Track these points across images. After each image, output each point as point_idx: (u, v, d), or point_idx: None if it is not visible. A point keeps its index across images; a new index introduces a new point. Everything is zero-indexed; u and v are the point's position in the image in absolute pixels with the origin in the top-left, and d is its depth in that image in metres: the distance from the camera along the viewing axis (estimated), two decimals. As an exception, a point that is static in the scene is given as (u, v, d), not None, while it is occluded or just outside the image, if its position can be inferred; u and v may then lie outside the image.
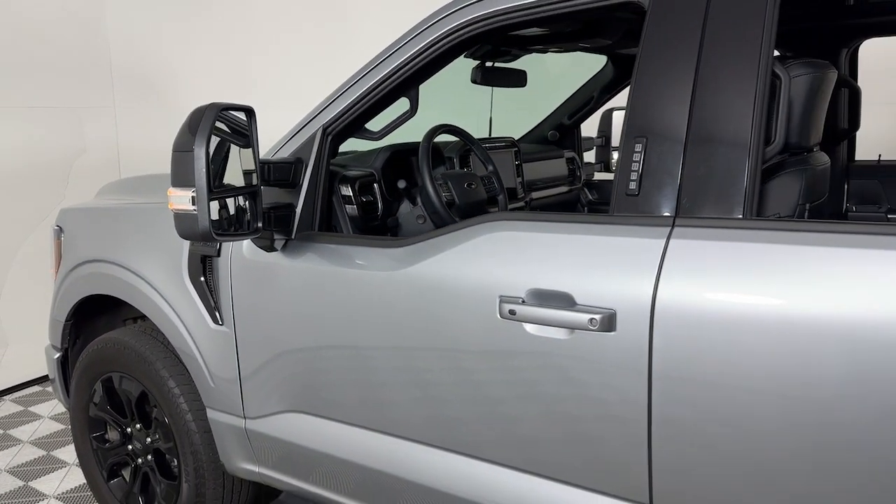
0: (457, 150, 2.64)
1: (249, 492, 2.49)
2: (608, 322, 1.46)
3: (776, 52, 2.84)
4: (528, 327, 1.57)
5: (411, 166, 2.43)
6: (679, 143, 1.46)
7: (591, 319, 1.46)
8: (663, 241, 1.44)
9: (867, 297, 1.22)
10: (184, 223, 1.64)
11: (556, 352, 1.55)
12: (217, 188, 1.66)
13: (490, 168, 2.59)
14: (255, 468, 2.26)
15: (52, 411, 3.98)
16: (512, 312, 1.57)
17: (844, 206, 2.89)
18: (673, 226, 1.45)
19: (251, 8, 4.75)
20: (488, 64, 2.76)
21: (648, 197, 1.49)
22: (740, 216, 1.39)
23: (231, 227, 1.77)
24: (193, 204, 1.60)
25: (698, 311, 1.37)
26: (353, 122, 2.02)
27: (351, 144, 2.24)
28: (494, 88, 3.24)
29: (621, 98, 3.73)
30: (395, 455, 1.89)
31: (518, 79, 2.89)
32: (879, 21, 2.54)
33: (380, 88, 1.94)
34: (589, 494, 1.57)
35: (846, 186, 2.85)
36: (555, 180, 3.39)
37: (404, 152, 2.41)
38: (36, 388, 4.34)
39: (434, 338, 1.73)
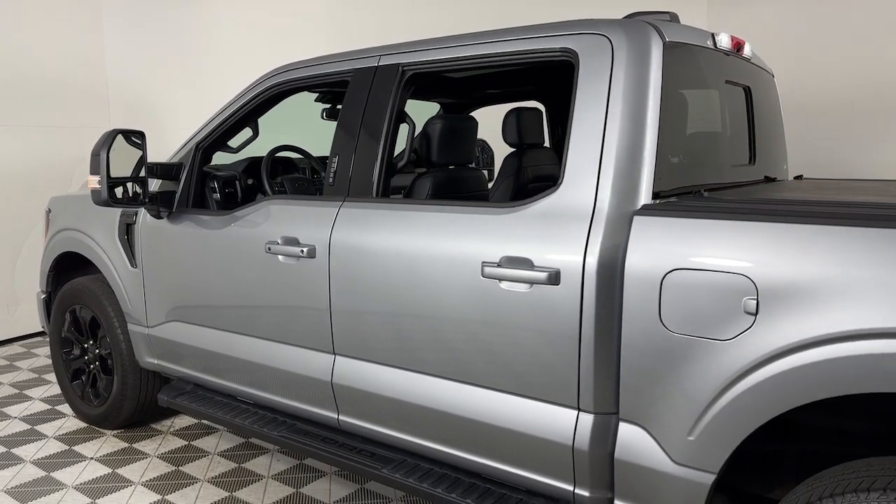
0: (308, 163, 3.91)
1: (154, 381, 3.74)
2: (312, 252, 2.70)
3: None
4: (280, 258, 2.82)
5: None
6: (350, 158, 2.71)
7: (302, 250, 2.71)
8: (337, 209, 2.69)
9: (402, 236, 2.45)
10: (95, 195, 2.94)
11: (291, 270, 2.78)
12: (115, 176, 2.94)
13: (322, 175, 3.85)
14: (155, 360, 3.52)
15: (47, 353, 5.31)
16: (270, 250, 2.82)
17: None
18: (344, 201, 2.69)
19: (225, 45, 6.11)
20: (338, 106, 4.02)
21: (337, 186, 2.74)
22: (371, 196, 2.63)
23: (129, 201, 3.05)
24: (100, 184, 2.89)
25: (348, 244, 2.60)
26: (216, 141, 3.31)
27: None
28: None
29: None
30: (226, 341, 3.13)
31: None
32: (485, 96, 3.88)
33: (229, 121, 3.23)
34: (302, 350, 2.81)
35: None
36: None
37: (259, 163, 3.68)
38: (38, 339, 5.68)
39: (236, 266, 2.98)
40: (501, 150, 3.43)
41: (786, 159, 3.32)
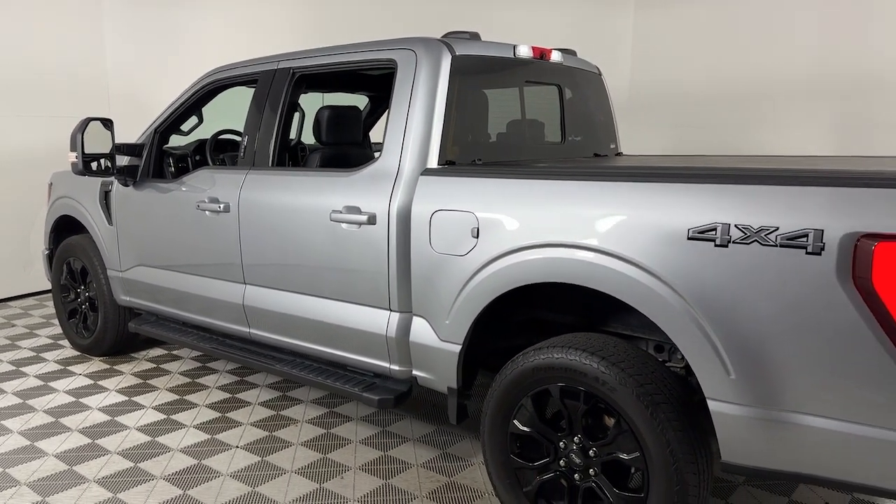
0: (249, 144, 4.88)
1: (128, 316, 4.75)
2: (227, 208, 3.67)
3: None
4: (206, 213, 3.79)
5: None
6: (255, 138, 3.67)
7: (220, 206, 3.68)
8: (245, 175, 3.65)
9: (285, 194, 3.40)
10: (73, 167, 3.94)
11: (214, 222, 3.75)
12: (89, 153, 3.93)
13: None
14: (127, 298, 4.53)
15: (54, 304, 6.37)
16: (199, 207, 3.80)
17: None
18: (250, 169, 3.65)
19: (215, 43, 7.09)
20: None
21: (246, 158, 3.69)
22: (268, 166, 3.59)
23: (100, 172, 4.05)
24: (76, 158, 3.89)
25: (251, 201, 3.57)
26: (170, 126, 4.29)
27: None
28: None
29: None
30: (174, 279, 4.12)
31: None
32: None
33: (178, 111, 4.20)
34: (224, 282, 3.79)
35: None
36: None
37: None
38: (48, 294, 6.75)
39: (178, 221, 3.95)
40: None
41: (614, 139, 4.21)
